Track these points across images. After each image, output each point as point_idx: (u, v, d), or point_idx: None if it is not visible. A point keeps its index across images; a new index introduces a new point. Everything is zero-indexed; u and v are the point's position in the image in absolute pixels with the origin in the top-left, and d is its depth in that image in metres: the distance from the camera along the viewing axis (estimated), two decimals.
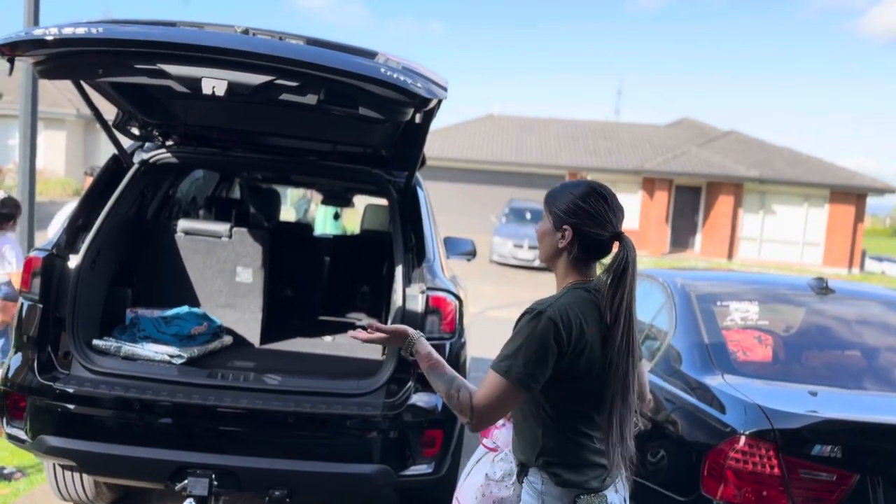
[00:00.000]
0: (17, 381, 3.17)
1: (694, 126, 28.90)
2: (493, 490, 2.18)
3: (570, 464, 1.93)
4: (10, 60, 2.60)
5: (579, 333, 1.86)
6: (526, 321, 1.89)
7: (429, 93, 2.54)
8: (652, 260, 22.71)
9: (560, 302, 1.89)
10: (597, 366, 1.90)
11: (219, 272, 3.92)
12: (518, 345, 1.87)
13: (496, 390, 1.86)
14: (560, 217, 1.96)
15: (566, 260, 1.98)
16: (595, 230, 1.94)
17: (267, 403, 3.10)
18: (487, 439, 2.29)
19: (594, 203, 1.94)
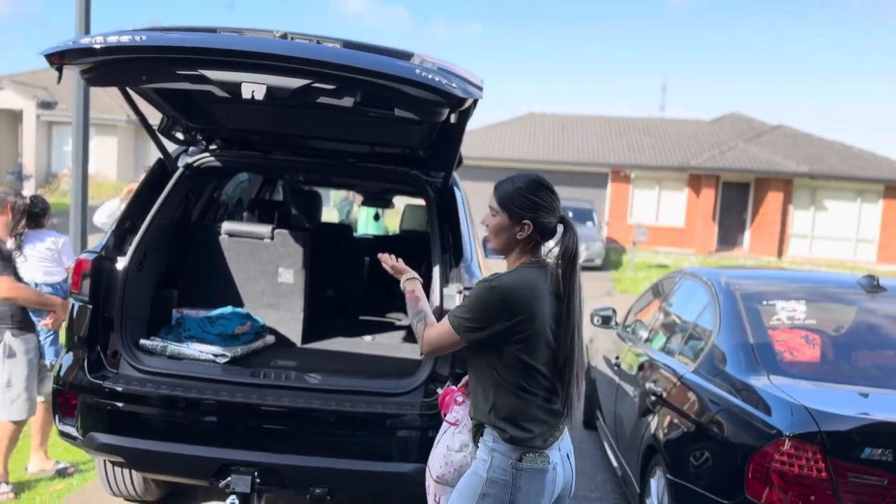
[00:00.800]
0: (68, 380, 3.27)
1: (741, 121, 28.28)
2: (454, 458, 2.40)
3: (517, 420, 2.19)
4: (59, 69, 2.69)
5: (524, 304, 2.16)
6: (477, 287, 2.24)
7: (464, 92, 2.55)
8: (698, 259, 22.31)
9: (510, 276, 2.22)
10: (545, 332, 2.20)
11: (261, 273, 3.99)
12: (467, 304, 2.23)
13: (443, 331, 2.25)
14: (519, 213, 2.24)
15: (521, 247, 2.28)
16: (548, 219, 2.26)
17: (308, 402, 3.14)
18: (450, 415, 2.49)
19: (545, 196, 2.26)
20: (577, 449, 5.67)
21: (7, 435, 4.14)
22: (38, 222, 4.15)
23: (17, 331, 4.07)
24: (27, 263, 4.10)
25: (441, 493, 2.44)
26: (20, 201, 4.05)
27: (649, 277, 18.22)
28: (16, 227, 4.03)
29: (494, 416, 2.21)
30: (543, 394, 2.22)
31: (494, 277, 2.21)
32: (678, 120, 28.53)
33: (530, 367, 2.20)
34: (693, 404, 3.31)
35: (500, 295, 2.15)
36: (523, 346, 2.18)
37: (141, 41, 2.56)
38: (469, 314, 2.18)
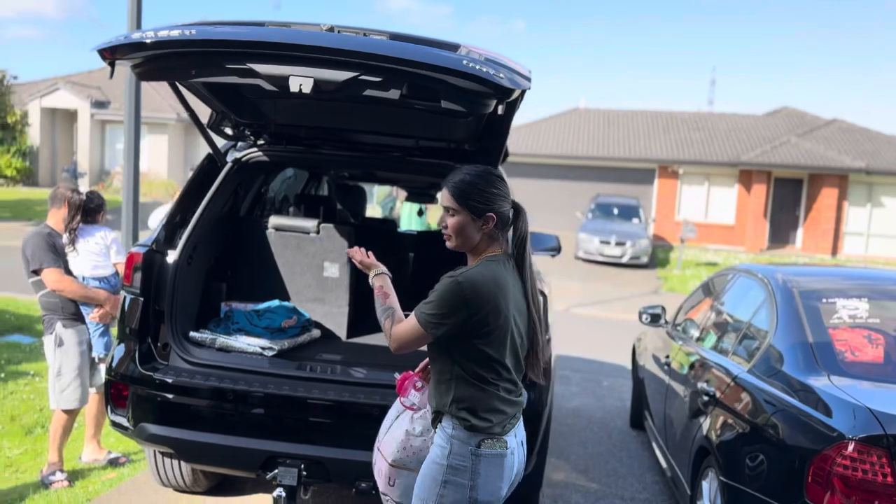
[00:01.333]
0: (120, 371, 3.33)
1: (794, 115, 27.52)
2: (414, 443, 2.41)
3: (477, 410, 2.22)
4: (111, 64, 2.72)
5: (489, 298, 2.17)
6: (443, 283, 2.21)
7: (512, 83, 2.50)
8: (749, 257, 21.80)
9: (474, 271, 2.22)
10: (509, 325, 2.23)
11: (307, 267, 4.00)
12: (433, 299, 2.21)
13: (410, 328, 2.25)
14: (480, 208, 2.25)
15: (484, 240, 2.30)
16: (506, 208, 2.31)
17: (354, 396, 3.13)
18: (406, 398, 2.50)
19: (501, 186, 2.30)
20: (624, 449, 5.64)
21: (60, 424, 4.24)
22: (92, 218, 4.23)
23: (67, 322, 4.16)
24: (78, 257, 4.19)
25: (396, 476, 2.45)
26: (76, 197, 4.14)
27: (698, 276, 17.86)
28: (70, 221, 4.12)
29: (455, 407, 2.24)
30: (504, 385, 2.27)
31: (460, 272, 2.21)
32: (728, 114, 27.91)
33: (493, 360, 2.23)
34: (748, 405, 3.20)
35: (467, 290, 2.16)
36: (487, 340, 2.20)
37: (190, 35, 2.58)
38: (435, 310, 2.18)
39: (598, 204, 21.26)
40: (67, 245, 4.14)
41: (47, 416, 5.27)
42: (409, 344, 2.27)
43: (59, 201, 4.19)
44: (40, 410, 5.41)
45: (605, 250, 18.56)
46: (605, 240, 18.60)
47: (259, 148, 3.77)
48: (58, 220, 4.21)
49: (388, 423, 2.57)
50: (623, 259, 18.61)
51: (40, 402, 5.57)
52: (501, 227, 2.31)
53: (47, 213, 4.30)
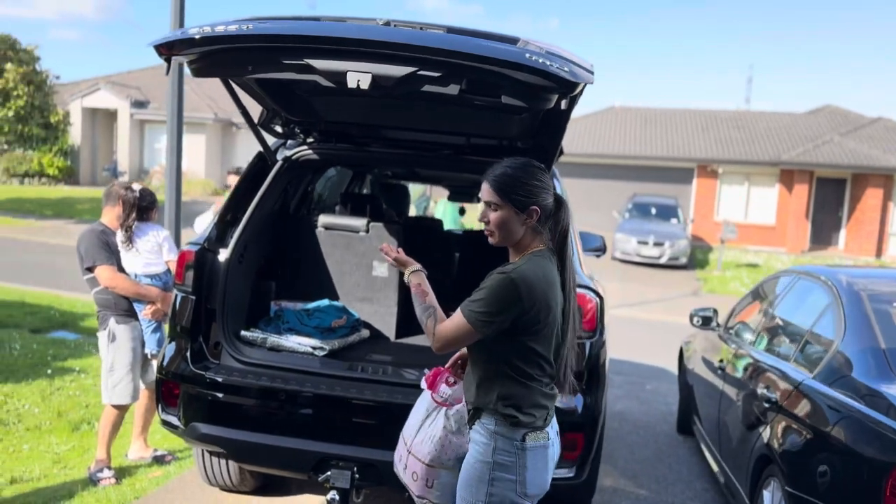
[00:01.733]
0: (171, 370, 3.31)
1: (837, 113, 26.88)
2: (452, 440, 2.34)
3: (522, 406, 2.18)
4: (167, 60, 2.70)
5: (541, 295, 2.13)
6: (494, 278, 2.15)
7: (575, 77, 2.41)
8: (790, 258, 21.33)
9: (525, 267, 2.15)
10: (555, 321, 2.21)
11: (356, 266, 3.96)
12: (483, 296, 2.14)
13: (457, 326, 2.17)
14: (524, 201, 2.19)
15: (528, 234, 2.24)
16: (549, 201, 2.25)
17: (406, 398, 3.07)
18: (437, 394, 2.43)
19: (543, 178, 2.24)
20: (672, 454, 5.50)
21: (110, 419, 4.26)
22: (146, 215, 4.24)
23: (120, 318, 4.18)
24: (130, 255, 4.20)
25: (435, 477, 2.38)
26: (130, 194, 4.15)
27: (738, 277, 17.52)
28: (126, 219, 4.14)
29: (501, 405, 2.19)
30: (547, 380, 2.25)
31: (511, 268, 2.15)
32: (769, 113, 27.36)
33: (540, 356, 2.20)
34: (815, 413, 3.07)
35: (520, 286, 2.11)
36: (536, 337, 2.17)
37: (248, 30, 2.54)
38: (487, 307, 2.12)
39: (635, 203, 20.98)
40: (125, 243, 4.15)
41: (93, 412, 5.32)
42: (456, 343, 2.22)
43: (113, 199, 4.21)
44: (86, 407, 5.45)
45: (642, 251, 18.29)
46: (642, 240, 18.33)
47: (309, 146, 3.74)
48: (111, 217, 4.23)
49: (416, 422, 2.51)
50: (661, 260, 18.33)
51: (86, 398, 5.62)
52: (544, 220, 2.26)
53: (101, 210, 4.33)
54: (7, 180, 25.49)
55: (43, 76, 21.74)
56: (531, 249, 2.24)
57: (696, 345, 5.80)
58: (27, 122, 21.03)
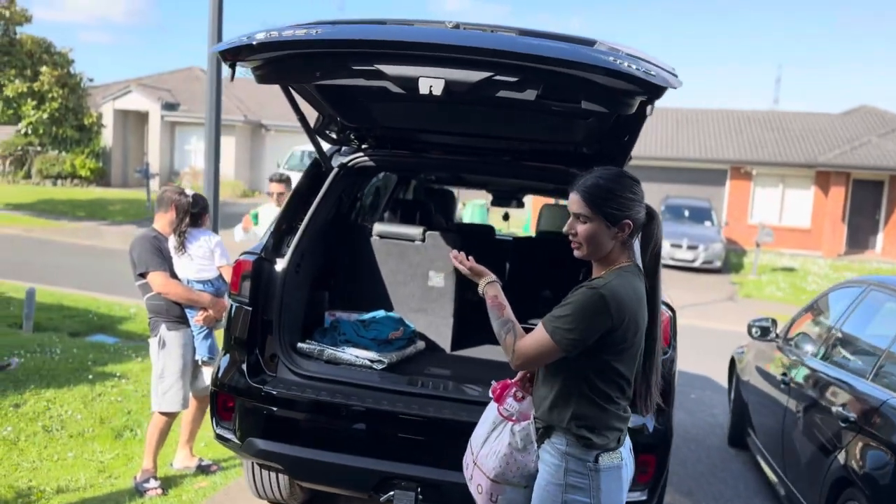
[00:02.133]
0: (227, 382, 3.23)
1: (873, 114, 26.29)
2: (518, 458, 2.24)
3: (599, 428, 2.09)
4: (232, 66, 2.61)
5: (630, 313, 2.03)
6: (583, 293, 2.04)
7: (663, 81, 2.28)
8: (827, 262, 20.89)
9: (616, 283, 2.05)
10: (640, 341, 2.11)
11: (411, 276, 3.85)
12: (570, 312, 2.02)
13: (539, 343, 2.06)
14: (616, 214, 2.09)
15: (617, 248, 2.13)
16: (641, 214, 2.14)
17: (470, 415, 2.95)
18: (504, 407, 2.34)
19: (637, 190, 2.14)
20: (727, 469, 5.32)
21: (158, 427, 4.20)
22: (198, 221, 4.18)
23: (172, 324, 4.12)
24: (183, 261, 4.14)
25: (499, 492, 2.31)
26: (184, 200, 4.09)
27: (774, 282, 17.17)
28: (179, 224, 4.07)
29: (575, 425, 2.11)
30: (624, 402, 2.17)
31: (601, 283, 2.05)
32: (803, 113, 26.85)
33: (622, 377, 2.11)
34: None
35: (611, 303, 2.01)
36: (620, 357, 2.08)
37: (317, 35, 2.44)
38: (573, 324, 2.01)
39: (667, 205, 20.65)
40: (178, 248, 4.09)
41: (135, 419, 5.28)
42: (537, 361, 2.13)
43: (165, 205, 4.15)
44: (128, 413, 5.42)
45: (675, 254, 17.98)
46: (675, 243, 18.01)
47: (365, 152, 3.63)
48: (164, 223, 4.17)
49: (482, 434, 2.40)
50: (695, 263, 18.02)
51: (127, 404, 5.58)
52: (635, 234, 2.16)
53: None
54: (40, 182, 25.82)
55: (77, 79, 21.96)
56: (619, 264, 2.13)
57: (750, 355, 5.62)
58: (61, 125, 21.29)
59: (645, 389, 2.22)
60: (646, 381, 2.21)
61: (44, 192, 23.85)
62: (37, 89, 19.83)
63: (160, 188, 4.71)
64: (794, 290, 16.46)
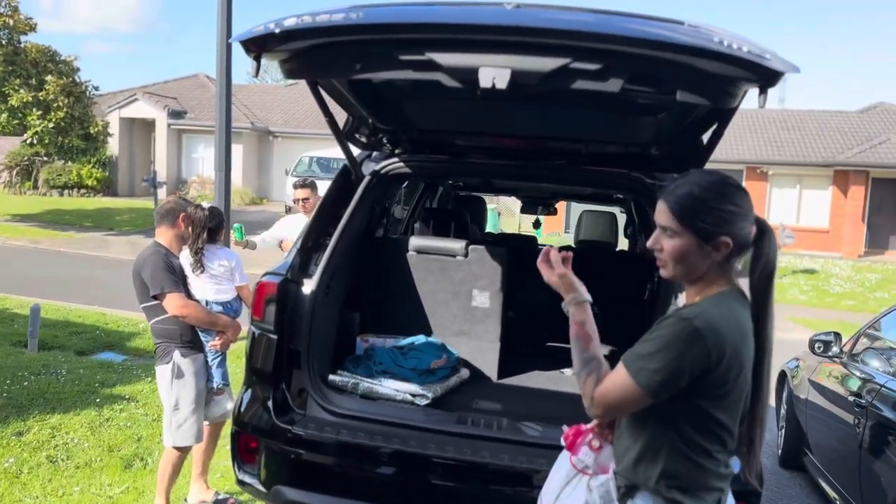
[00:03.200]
0: (250, 422, 2.84)
1: (890, 111, 25.79)
2: None
3: (694, 489, 1.73)
4: (257, 59, 2.22)
5: (731, 348, 1.65)
6: (672, 324, 1.67)
7: (782, 65, 1.89)
8: (848, 263, 20.42)
9: (713, 312, 1.68)
10: (745, 383, 1.72)
11: (453, 295, 3.45)
12: (657, 348, 1.66)
13: (622, 387, 1.70)
14: (711, 230, 1.72)
15: (715, 269, 1.75)
16: (747, 230, 1.75)
17: (530, 460, 2.56)
18: (577, 458, 1.98)
19: (742, 201, 1.75)
20: (785, 495, 4.90)
21: (171, 462, 3.82)
22: (214, 236, 3.80)
23: (186, 350, 3.74)
24: (200, 280, 3.76)
25: None
26: (200, 213, 3.70)
27: (797, 284, 16.73)
28: (196, 241, 3.69)
29: (664, 485, 1.73)
30: (724, 457, 1.77)
31: (695, 312, 1.67)
32: (819, 111, 26.38)
33: (722, 427, 1.72)
34: None
35: (708, 338, 1.63)
36: (721, 403, 1.70)
37: (357, 19, 2.04)
38: (661, 362, 1.64)
39: None
40: (195, 267, 3.71)
41: (146, 446, 4.91)
42: (621, 409, 1.76)
43: (171, 217, 3.76)
44: (138, 440, 5.04)
45: None
46: None
47: (399, 157, 3.23)
48: (170, 238, 3.79)
49: (556, 485, 2.02)
50: None
51: (137, 430, 5.22)
52: (738, 253, 1.76)
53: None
54: (47, 192, 25.55)
55: (82, 87, 21.64)
56: (716, 289, 1.75)
57: (808, 371, 5.20)
58: (67, 134, 20.97)
59: (748, 445, 1.81)
60: (749, 434, 1.80)
61: (50, 202, 23.58)
62: (42, 98, 19.49)
63: (165, 198, 4.33)
64: (817, 293, 16.03)
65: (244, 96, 26.89)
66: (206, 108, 26.33)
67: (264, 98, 29.29)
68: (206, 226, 3.68)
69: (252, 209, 23.11)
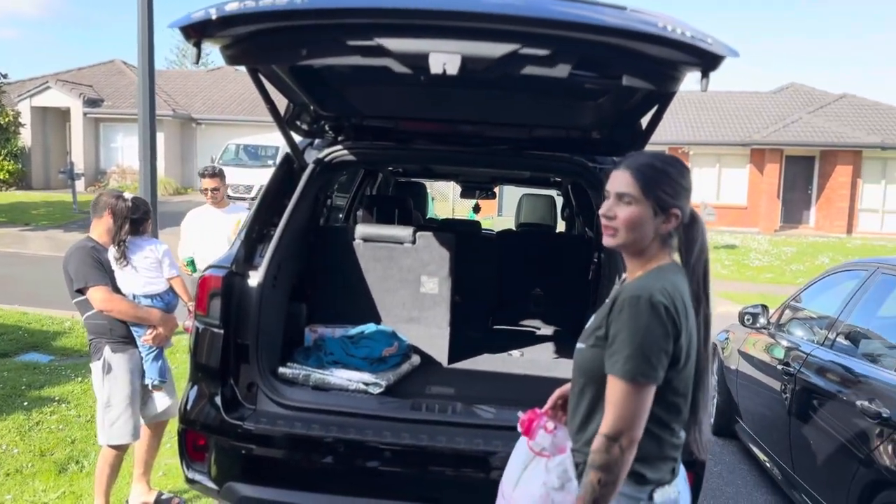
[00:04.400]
0: (198, 419, 2.78)
1: (802, 92, 27.03)
2: (556, 499, 1.92)
3: (650, 459, 1.79)
4: (197, 45, 2.14)
5: (685, 315, 1.74)
6: (628, 310, 1.71)
7: (722, 49, 1.96)
8: (765, 237, 21.35)
9: (659, 284, 1.73)
10: (694, 352, 1.80)
11: (401, 282, 3.44)
12: (628, 337, 1.69)
13: (632, 399, 1.68)
14: (668, 201, 1.81)
15: (658, 243, 1.84)
16: (689, 208, 1.87)
17: (486, 443, 2.59)
18: (534, 442, 2.01)
19: (689, 180, 1.88)
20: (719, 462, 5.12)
21: (108, 462, 3.70)
22: (139, 228, 3.67)
23: (117, 345, 3.62)
24: (127, 273, 3.63)
25: None
26: (121, 204, 3.57)
27: (719, 259, 17.37)
28: (118, 232, 3.56)
29: None
30: (679, 426, 1.85)
31: (642, 287, 1.73)
32: (736, 93, 27.38)
33: (679, 396, 1.80)
34: None
35: (667, 310, 1.69)
36: (680, 374, 1.77)
37: (303, 4, 2.00)
38: (648, 349, 1.68)
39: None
40: (119, 259, 3.58)
41: (81, 449, 4.73)
42: (642, 415, 1.71)
43: (100, 210, 3.62)
44: (72, 443, 4.86)
45: None
46: None
47: (343, 145, 3.19)
48: (101, 231, 3.65)
49: (514, 472, 2.06)
50: None
51: (70, 432, 5.02)
52: (677, 232, 1.86)
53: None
54: None
55: None
56: (656, 263, 1.83)
57: (735, 342, 5.43)
58: None
59: (695, 416, 1.89)
60: (694, 409, 1.88)
61: None
62: None
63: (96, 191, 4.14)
64: (738, 267, 16.70)
65: (164, 82, 25.94)
66: (125, 96, 25.29)
67: (186, 84, 28.35)
68: (127, 217, 3.56)
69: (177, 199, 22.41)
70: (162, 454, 4.32)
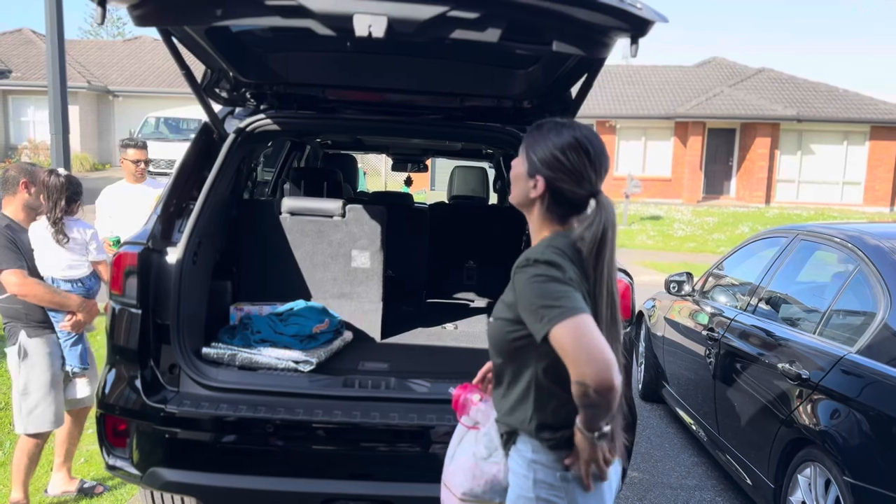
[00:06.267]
0: (116, 403, 2.65)
1: (724, 65, 27.81)
2: (485, 468, 1.93)
3: (563, 424, 1.74)
4: (101, 4, 1.98)
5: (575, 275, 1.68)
6: (530, 273, 1.66)
7: (651, 14, 1.93)
8: (688, 208, 22.01)
9: (548, 248, 1.71)
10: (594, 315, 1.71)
11: (331, 257, 3.35)
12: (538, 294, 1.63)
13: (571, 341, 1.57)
14: (535, 165, 1.78)
15: (540, 210, 1.81)
16: (570, 187, 1.76)
17: (421, 416, 2.56)
18: (466, 417, 2.04)
19: (573, 157, 1.75)
20: (647, 426, 5.25)
21: (26, 451, 3.52)
22: (70, 208, 3.45)
23: (33, 330, 3.43)
24: (47, 254, 3.42)
25: None
26: (55, 180, 3.34)
27: (644, 230, 17.83)
28: (54, 209, 3.33)
29: (535, 424, 1.76)
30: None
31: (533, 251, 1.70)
32: (661, 67, 27.96)
33: None
34: (873, 392, 2.80)
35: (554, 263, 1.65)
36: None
37: None
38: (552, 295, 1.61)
39: None
40: (59, 237, 3.36)
41: None
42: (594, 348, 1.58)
43: (11, 186, 3.38)
44: None
45: None
46: None
47: (266, 114, 3.05)
48: (16, 208, 3.41)
49: (451, 447, 2.05)
50: None
51: None
52: (560, 205, 1.77)
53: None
54: None
55: None
56: (548, 232, 1.80)
57: (663, 309, 5.56)
58: None
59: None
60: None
61: None
62: None
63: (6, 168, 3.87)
64: (663, 238, 17.18)
65: (78, 53, 24.65)
66: (35, 66, 23.90)
67: (101, 54, 27.02)
68: (62, 193, 3.34)
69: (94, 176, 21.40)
70: (84, 440, 4.14)
